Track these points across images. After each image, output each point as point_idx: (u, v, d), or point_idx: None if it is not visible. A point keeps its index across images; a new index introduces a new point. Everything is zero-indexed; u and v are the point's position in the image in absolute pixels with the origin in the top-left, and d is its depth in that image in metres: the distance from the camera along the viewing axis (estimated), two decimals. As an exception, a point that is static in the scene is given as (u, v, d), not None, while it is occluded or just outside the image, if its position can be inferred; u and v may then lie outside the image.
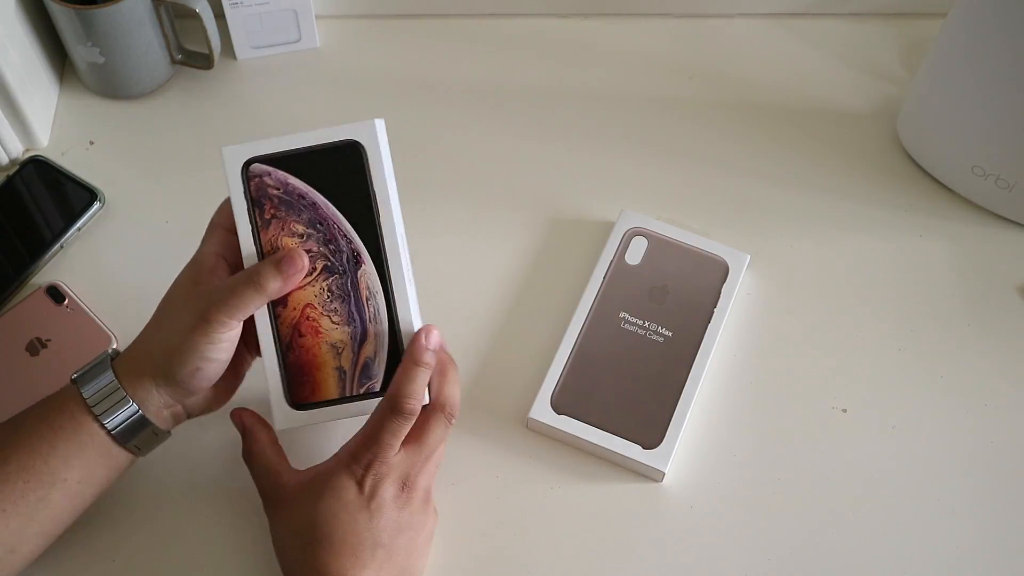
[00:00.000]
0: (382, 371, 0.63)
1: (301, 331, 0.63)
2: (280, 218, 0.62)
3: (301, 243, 0.62)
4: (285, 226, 0.62)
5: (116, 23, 0.80)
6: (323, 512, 0.60)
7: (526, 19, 0.92)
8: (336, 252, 0.63)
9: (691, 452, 0.71)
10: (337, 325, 0.63)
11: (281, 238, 0.62)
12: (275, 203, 0.62)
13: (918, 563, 0.68)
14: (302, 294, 0.63)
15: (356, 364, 0.63)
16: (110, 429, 0.61)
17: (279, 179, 0.62)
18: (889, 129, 0.85)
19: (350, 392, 0.63)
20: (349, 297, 0.63)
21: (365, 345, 0.63)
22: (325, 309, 0.63)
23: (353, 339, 0.63)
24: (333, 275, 0.63)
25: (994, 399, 0.74)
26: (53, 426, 0.61)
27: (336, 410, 0.63)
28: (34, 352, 0.75)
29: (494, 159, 0.84)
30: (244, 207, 0.62)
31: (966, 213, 0.82)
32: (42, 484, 0.60)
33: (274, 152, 0.63)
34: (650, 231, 0.78)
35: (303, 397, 0.63)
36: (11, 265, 0.78)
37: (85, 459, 0.61)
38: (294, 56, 0.89)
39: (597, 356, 0.73)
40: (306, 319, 0.63)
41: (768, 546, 0.69)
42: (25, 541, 0.61)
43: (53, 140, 0.85)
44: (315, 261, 0.62)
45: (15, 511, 0.60)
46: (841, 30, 0.91)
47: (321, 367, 0.63)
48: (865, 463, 0.71)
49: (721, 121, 0.86)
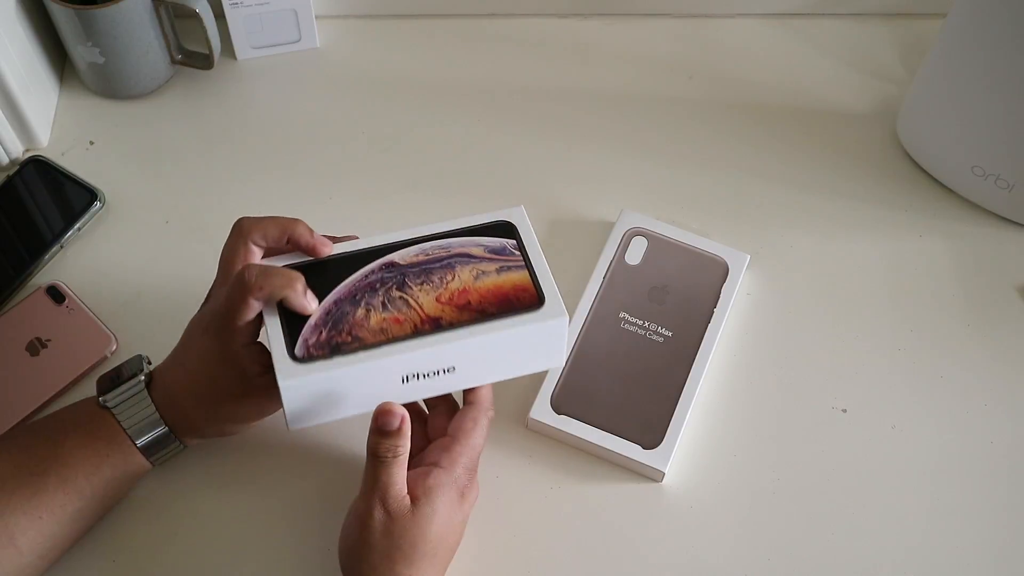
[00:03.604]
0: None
1: (462, 303, 0.61)
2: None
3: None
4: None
5: (116, 23, 0.80)
6: (441, 525, 0.61)
7: (526, 19, 0.92)
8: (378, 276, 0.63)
9: (691, 452, 0.71)
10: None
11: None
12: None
13: (918, 563, 0.68)
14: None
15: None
16: (153, 461, 0.66)
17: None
18: (889, 129, 0.85)
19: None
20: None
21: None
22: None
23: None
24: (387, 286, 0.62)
25: (994, 399, 0.74)
26: (99, 453, 0.64)
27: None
28: (34, 352, 0.74)
29: (494, 159, 0.84)
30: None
31: (966, 213, 0.82)
32: (82, 497, 0.63)
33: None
34: (650, 231, 0.78)
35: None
36: (11, 265, 0.78)
37: (127, 481, 0.66)
38: (294, 56, 0.89)
39: (597, 356, 0.73)
40: (450, 300, 0.62)
41: (768, 546, 0.69)
42: (55, 547, 0.64)
43: (53, 140, 0.85)
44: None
45: (52, 519, 0.62)
46: (841, 30, 0.91)
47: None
48: (865, 463, 0.71)
49: (721, 121, 0.86)
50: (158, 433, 0.64)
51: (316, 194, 0.82)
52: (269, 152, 0.84)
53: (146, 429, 0.64)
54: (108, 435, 0.63)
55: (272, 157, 0.84)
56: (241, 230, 0.63)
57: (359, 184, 0.83)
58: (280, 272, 0.60)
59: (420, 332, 0.60)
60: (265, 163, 0.84)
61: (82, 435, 0.63)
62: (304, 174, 0.83)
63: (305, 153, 0.84)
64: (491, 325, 0.61)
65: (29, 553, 0.62)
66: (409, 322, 0.61)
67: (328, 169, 0.84)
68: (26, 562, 0.62)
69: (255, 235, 0.62)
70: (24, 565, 0.62)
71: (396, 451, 0.58)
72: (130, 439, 0.64)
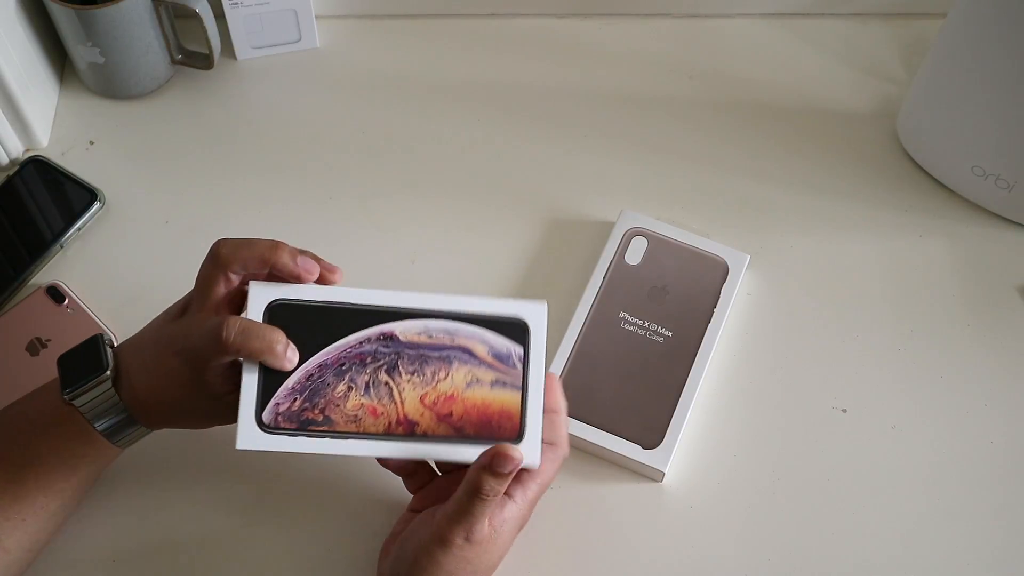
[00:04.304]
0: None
1: (444, 412, 0.60)
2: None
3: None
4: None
5: (116, 23, 0.80)
6: (503, 554, 0.62)
7: (526, 19, 0.92)
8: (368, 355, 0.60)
9: (691, 452, 0.71)
10: (441, 378, 0.60)
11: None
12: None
13: (918, 563, 0.68)
14: (407, 405, 0.60)
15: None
16: (122, 447, 0.65)
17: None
18: (889, 129, 0.85)
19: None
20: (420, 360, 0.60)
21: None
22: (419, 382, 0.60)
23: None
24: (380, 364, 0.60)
25: (994, 399, 0.74)
26: (76, 454, 0.63)
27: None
28: (34, 352, 0.75)
29: (494, 159, 0.84)
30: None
31: (966, 213, 0.82)
32: (63, 495, 0.64)
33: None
34: (650, 231, 0.78)
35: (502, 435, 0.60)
36: (11, 265, 0.78)
37: (101, 469, 0.66)
38: (294, 56, 0.89)
39: (597, 356, 0.73)
40: (433, 404, 0.60)
41: (768, 546, 0.69)
42: (40, 542, 0.65)
43: (53, 140, 0.85)
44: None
45: (35, 519, 0.63)
46: (841, 30, 0.91)
47: (490, 407, 0.60)
48: (865, 463, 0.71)
49: (721, 121, 0.86)
50: (128, 430, 0.63)
51: (316, 194, 0.82)
52: (269, 152, 0.84)
53: (115, 427, 0.62)
54: (81, 435, 0.62)
55: (272, 157, 0.84)
56: (218, 260, 0.60)
57: (359, 184, 0.83)
58: (260, 334, 0.57)
59: (391, 434, 0.59)
60: (265, 163, 0.84)
61: (55, 438, 0.62)
62: (304, 174, 0.83)
63: (305, 153, 0.84)
64: (462, 449, 0.59)
65: (16, 551, 0.63)
66: (385, 419, 0.59)
67: (328, 169, 0.84)
68: (13, 559, 0.63)
69: (234, 267, 0.60)
70: (12, 562, 0.63)
71: (498, 491, 0.58)
72: (104, 437, 0.63)
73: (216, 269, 0.60)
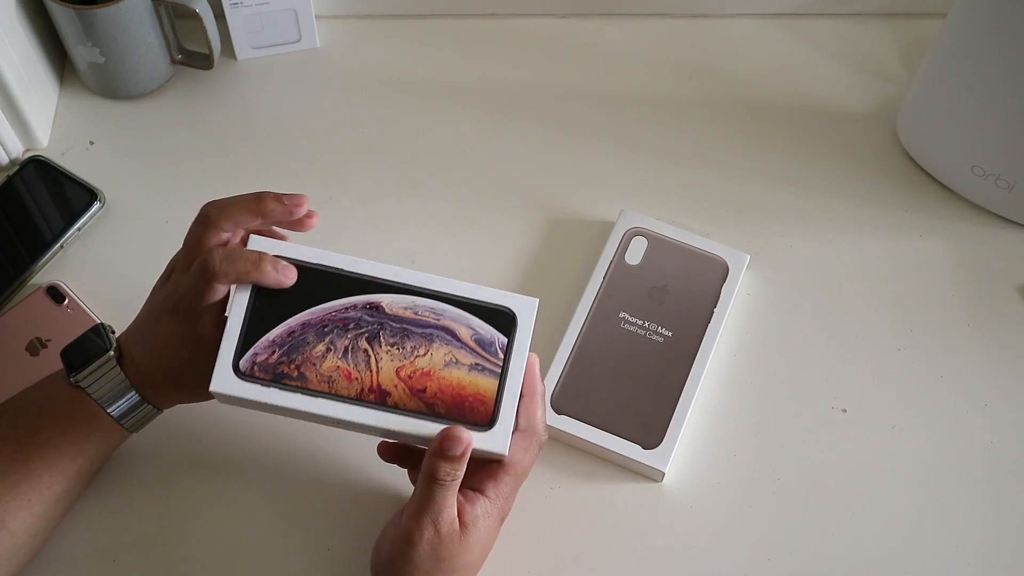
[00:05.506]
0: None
1: (418, 387, 0.59)
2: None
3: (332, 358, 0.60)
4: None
5: (116, 23, 0.80)
6: (482, 552, 0.61)
7: (526, 19, 0.92)
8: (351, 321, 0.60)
9: (691, 452, 0.71)
10: (422, 353, 0.60)
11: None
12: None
13: (918, 563, 0.68)
14: (384, 374, 0.59)
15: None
16: (131, 431, 0.66)
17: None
18: (889, 129, 0.85)
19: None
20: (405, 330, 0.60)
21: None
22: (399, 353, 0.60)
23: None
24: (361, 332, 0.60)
25: (994, 399, 0.74)
26: (81, 434, 0.64)
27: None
28: (34, 352, 0.75)
29: (494, 159, 0.84)
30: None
31: (966, 213, 0.82)
32: (68, 477, 0.64)
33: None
34: (650, 231, 0.78)
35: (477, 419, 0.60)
36: (11, 265, 0.78)
37: (109, 451, 0.67)
38: (294, 56, 0.89)
39: (597, 356, 0.73)
40: (408, 378, 0.59)
41: (768, 546, 0.69)
42: (46, 527, 0.65)
43: (53, 140, 0.85)
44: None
45: (40, 501, 0.63)
46: (841, 30, 0.91)
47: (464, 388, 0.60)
48: (865, 463, 0.71)
49: (721, 121, 0.86)
50: (137, 409, 0.64)
51: (316, 194, 0.81)
52: (269, 152, 0.84)
53: (124, 407, 0.63)
54: (87, 415, 0.63)
55: (272, 157, 0.84)
56: (208, 220, 0.61)
57: (359, 184, 0.83)
58: (244, 255, 0.58)
59: (362, 399, 0.59)
60: (265, 163, 0.84)
61: (61, 418, 0.63)
62: (304, 174, 0.83)
63: (305, 153, 0.84)
64: (431, 424, 0.59)
65: (22, 535, 0.63)
66: (358, 384, 0.59)
67: (328, 169, 0.84)
68: (19, 543, 0.63)
69: (225, 224, 0.61)
70: (18, 546, 0.63)
71: (455, 475, 0.58)
72: (110, 416, 0.63)
73: (207, 230, 0.61)
